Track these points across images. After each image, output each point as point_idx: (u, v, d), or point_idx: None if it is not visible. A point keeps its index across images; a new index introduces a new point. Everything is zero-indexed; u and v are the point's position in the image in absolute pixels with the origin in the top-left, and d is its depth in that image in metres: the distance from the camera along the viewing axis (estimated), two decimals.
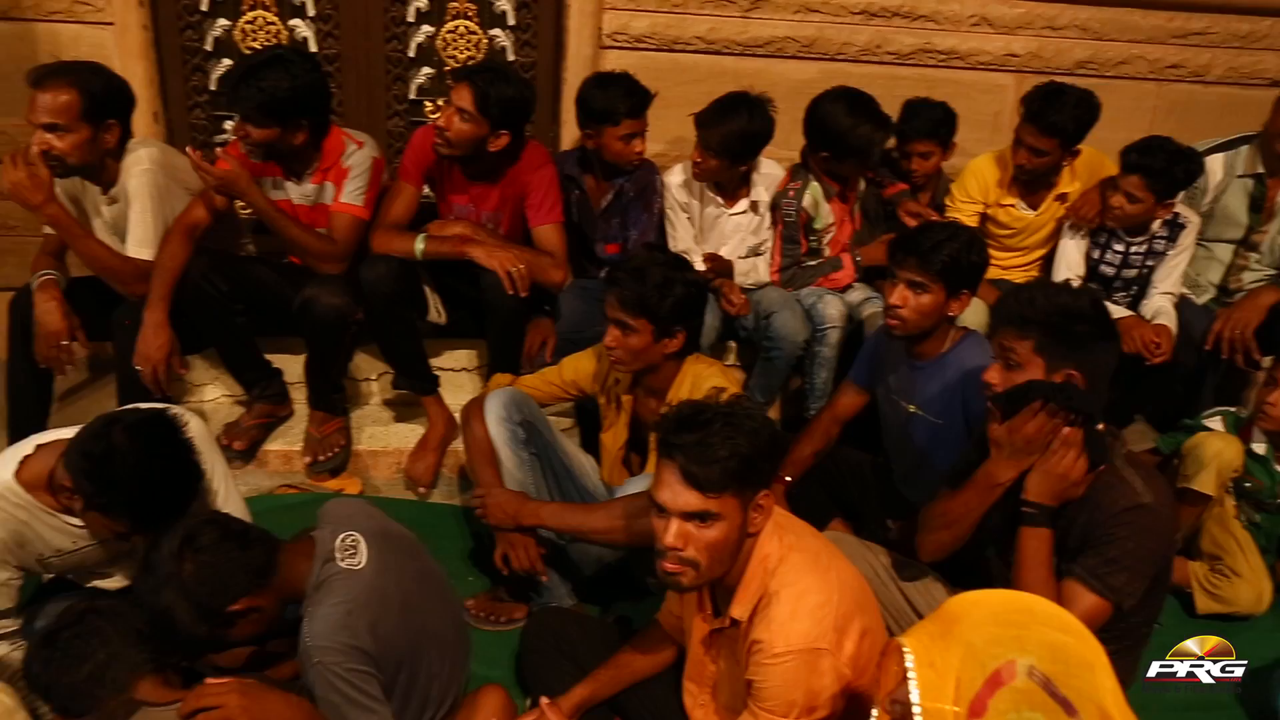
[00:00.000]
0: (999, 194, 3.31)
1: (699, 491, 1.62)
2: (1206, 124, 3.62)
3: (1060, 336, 1.90)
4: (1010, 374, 1.94)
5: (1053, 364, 1.91)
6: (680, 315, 2.28)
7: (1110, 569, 1.85)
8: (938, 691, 1.19)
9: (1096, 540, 1.88)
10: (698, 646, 1.92)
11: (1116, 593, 1.86)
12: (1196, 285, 3.42)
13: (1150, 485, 1.88)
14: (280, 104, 2.63)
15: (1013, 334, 1.95)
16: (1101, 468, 1.89)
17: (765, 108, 2.97)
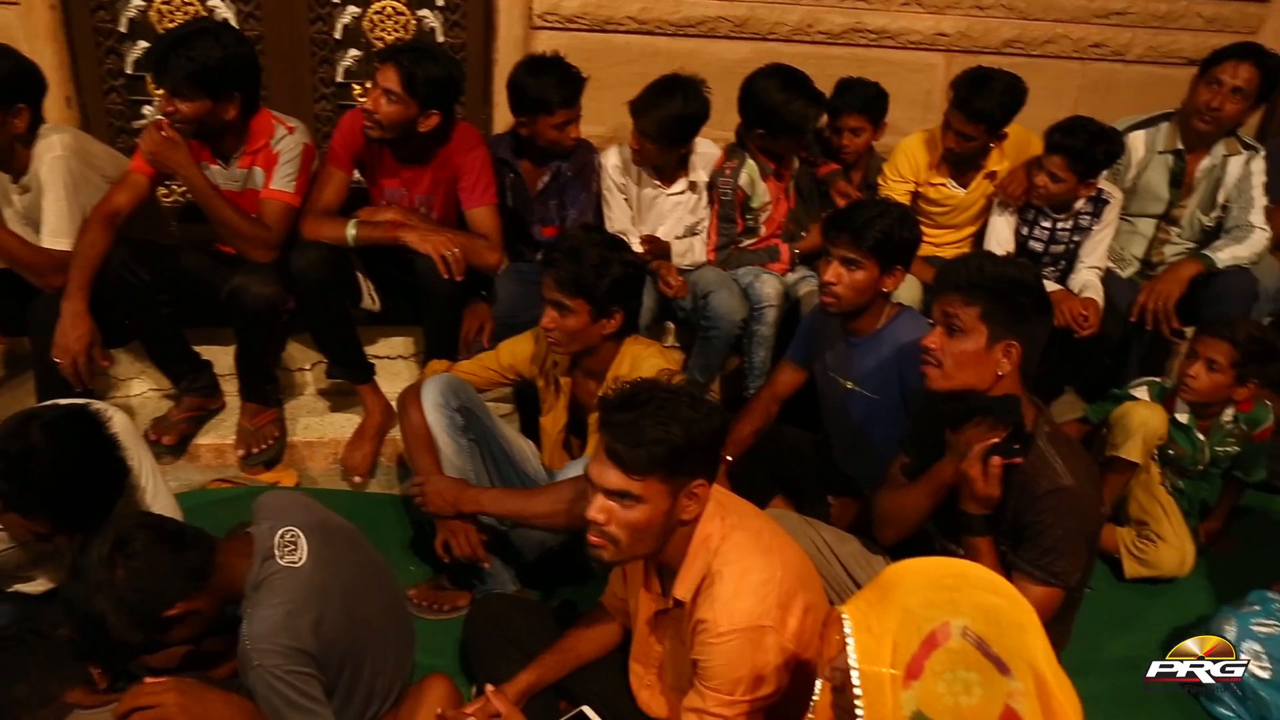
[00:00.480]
0: (930, 173, 3.35)
1: (622, 471, 1.62)
2: (1128, 102, 3.71)
3: (1006, 306, 1.91)
4: (953, 340, 1.94)
5: (995, 333, 1.92)
6: (618, 296, 2.27)
7: (1050, 557, 1.90)
8: (875, 655, 1.20)
9: (1027, 527, 1.92)
10: (643, 627, 1.92)
11: (1061, 577, 1.91)
12: (1121, 259, 3.51)
13: (1071, 465, 1.91)
14: (212, 74, 2.54)
15: (959, 300, 1.94)
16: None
17: (699, 90, 2.96)
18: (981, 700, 1.18)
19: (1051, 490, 1.88)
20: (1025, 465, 1.93)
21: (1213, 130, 3.24)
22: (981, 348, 1.92)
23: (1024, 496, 1.92)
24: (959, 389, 1.96)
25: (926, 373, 1.98)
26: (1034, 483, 1.91)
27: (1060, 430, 2.01)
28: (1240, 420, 2.83)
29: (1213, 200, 3.36)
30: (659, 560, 1.79)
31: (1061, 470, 1.89)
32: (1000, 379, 1.94)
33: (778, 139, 3.12)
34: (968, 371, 1.93)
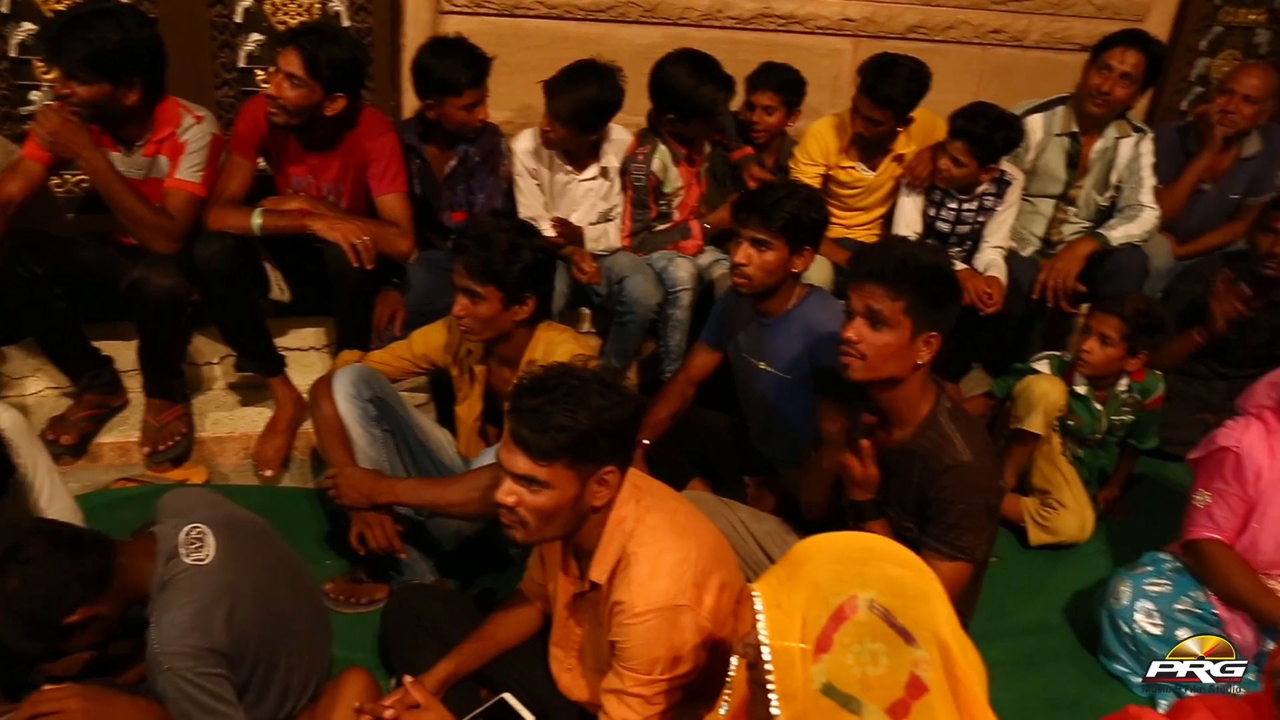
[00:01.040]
0: (840, 156, 3.41)
1: (528, 457, 1.62)
2: (1027, 86, 3.82)
3: (929, 298, 1.93)
4: (876, 333, 1.93)
5: (919, 327, 1.93)
6: (529, 281, 2.26)
7: (955, 533, 1.96)
8: (785, 631, 1.22)
9: (931, 504, 1.98)
10: (562, 611, 1.92)
11: (968, 551, 1.97)
12: (1022, 239, 3.62)
13: (970, 440, 1.97)
14: (110, 57, 2.44)
15: (883, 294, 1.92)
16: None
17: (615, 77, 2.96)
18: (888, 670, 1.21)
19: (951, 466, 1.94)
20: (927, 442, 1.98)
21: (1104, 113, 3.37)
22: (905, 341, 1.93)
23: (926, 473, 1.98)
24: (880, 379, 1.99)
25: (848, 364, 1.98)
26: (935, 459, 1.96)
27: (959, 407, 2.06)
28: (1134, 390, 2.96)
29: (1106, 181, 3.49)
30: (575, 543, 1.80)
31: (961, 446, 1.95)
32: (918, 368, 1.98)
33: (689, 123, 3.14)
34: (890, 363, 1.96)
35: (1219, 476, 2.36)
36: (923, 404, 2.01)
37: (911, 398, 2.01)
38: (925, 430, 2.00)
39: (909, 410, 2.02)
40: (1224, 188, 3.68)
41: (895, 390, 2.00)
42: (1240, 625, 2.34)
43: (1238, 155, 3.77)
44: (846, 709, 1.21)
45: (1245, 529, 2.34)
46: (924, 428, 2.00)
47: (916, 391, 2.00)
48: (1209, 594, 2.37)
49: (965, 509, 1.95)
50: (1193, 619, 2.37)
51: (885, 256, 1.94)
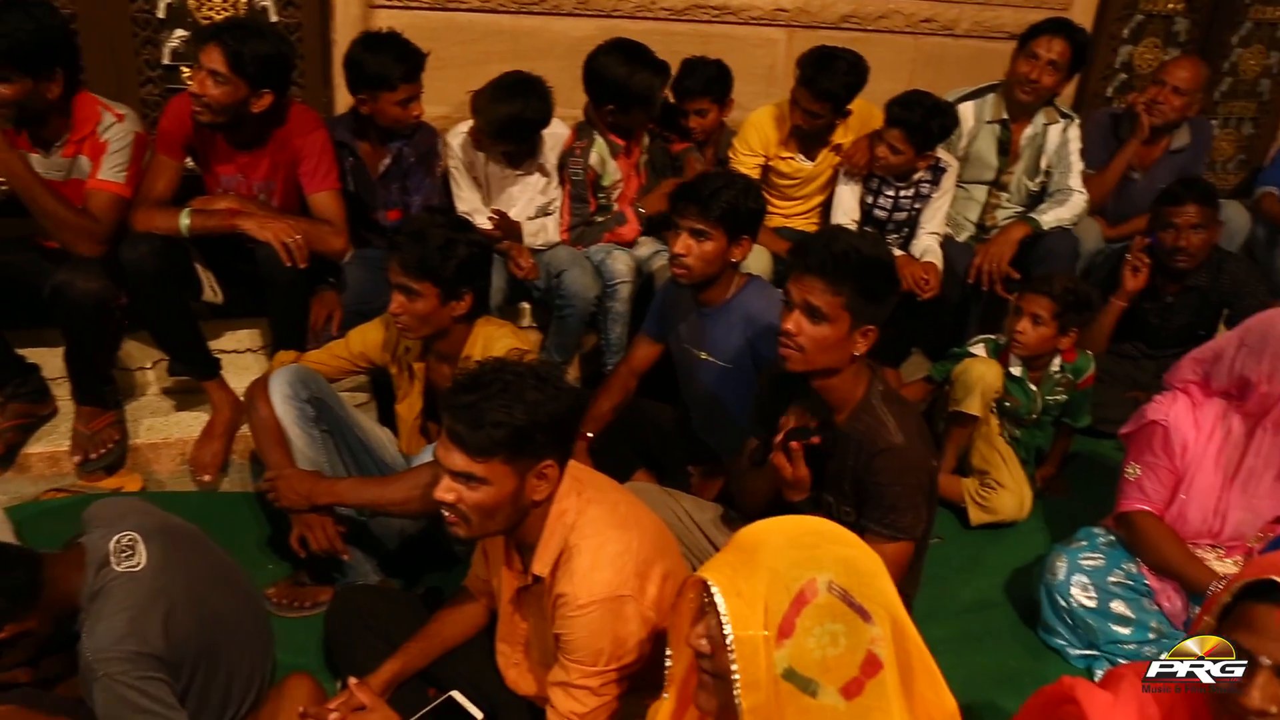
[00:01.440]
0: (779, 147, 3.43)
1: (464, 453, 1.62)
2: (958, 74, 3.87)
3: (868, 292, 1.93)
4: (814, 326, 1.93)
5: (857, 321, 1.94)
6: (466, 276, 2.24)
7: (893, 514, 1.99)
8: (747, 619, 1.23)
9: (868, 487, 2.01)
10: (507, 606, 1.92)
11: (908, 531, 2.01)
12: (958, 224, 3.68)
13: (902, 423, 2.00)
14: (29, 50, 2.36)
15: (823, 288, 1.92)
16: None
17: (543, 94, 2.95)
18: (846, 649, 1.23)
19: (885, 449, 1.97)
20: (862, 426, 2.01)
21: (1033, 100, 3.44)
22: (843, 334, 1.95)
23: (860, 456, 2.00)
24: (817, 370, 2.01)
25: (785, 356, 1.99)
26: (869, 443, 1.99)
27: (892, 390, 2.09)
28: (1066, 370, 3.03)
29: (1036, 166, 3.56)
30: (518, 538, 1.79)
31: (893, 429, 1.98)
32: (855, 359, 2.00)
33: (629, 113, 3.13)
34: (827, 355, 1.97)
35: (1149, 450, 2.42)
36: (857, 389, 2.04)
37: (846, 385, 2.03)
38: (859, 415, 2.02)
39: (843, 396, 2.04)
40: (1153, 178, 3.77)
41: (831, 379, 2.02)
42: (1170, 594, 2.40)
43: (1167, 147, 3.87)
44: (805, 692, 1.23)
45: (1174, 500, 2.40)
46: (858, 412, 2.03)
47: (851, 379, 2.03)
48: (1140, 565, 2.44)
49: (901, 490, 1.98)
50: (1125, 590, 2.43)
51: (826, 250, 1.93)
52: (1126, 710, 1.43)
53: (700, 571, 1.31)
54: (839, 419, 2.05)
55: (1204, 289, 3.39)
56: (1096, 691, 1.47)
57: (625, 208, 3.28)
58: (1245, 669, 1.28)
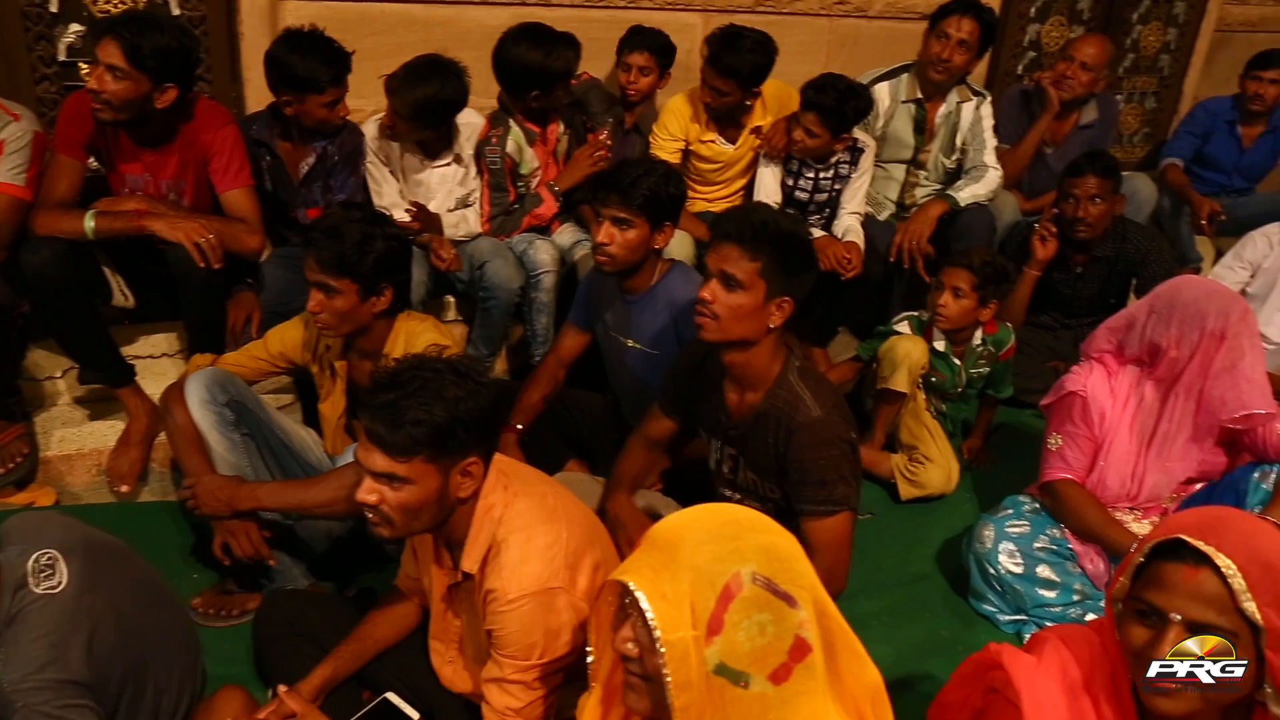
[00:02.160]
0: (699, 131, 3.44)
1: (385, 454, 1.59)
2: (873, 56, 3.92)
3: (784, 262, 1.95)
4: (730, 294, 1.96)
5: (772, 289, 1.96)
6: (385, 271, 2.20)
7: (828, 489, 2.01)
8: (675, 622, 1.22)
9: (791, 466, 2.03)
10: (439, 604, 1.89)
11: (844, 502, 2.02)
12: (878, 204, 3.74)
13: (819, 396, 2.02)
14: None
15: (740, 255, 1.94)
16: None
17: (459, 75, 2.91)
18: (774, 637, 1.23)
19: (804, 424, 1.99)
20: (780, 402, 2.03)
21: (945, 80, 3.49)
22: (759, 303, 1.96)
23: (780, 432, 2.02)
24: (732, 340, 2.02)
25: (701, 324, 2.01)
26: (788, 418, 2.01)
27: (809, 365, 2.12)
28: (988, 343, 3.10)
29: (952, 144, 3.62)
30: (446, 535, 1.77)
31: (811, 403, 2.00)
32: (770, 332, 2.01)
33: (552, 93, 3.10)
34: (743, 325, 1.99)
35: (1068, 420, 2.49)
36: (773, 365, 2.06)
37: (762, 360, 2.05)
38: (776, 391, 2.04)
39: (761, 373, 2.06)
40: (1064, 152, 3.87)
41: (747, 353, 2.03)
42: (1093, 556, 2.47)
43: (1077, 122, 3.98)
44: (737, 685, 1.23)
45: (1094, 467, 2.47)
46: (775, 388, 2.04)
47: (767, 354, 2.05)
48: (1064, 530, 2.51)
49: (826, 463, 2.00)
50: (1050, 555, 2.50)
51: (744, 219, 1.97)
52: (1049, 671, 1.46)
53: (619, 574, 1.29)
54: (756, 398, 2.07)
55: (1110, 258, 3.49)
56: (1021, 656, 1.51)
57: (541, 189, 3.25)
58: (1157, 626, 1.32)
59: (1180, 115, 4.87)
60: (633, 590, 1.25)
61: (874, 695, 1.35)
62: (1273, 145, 4.51)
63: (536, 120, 3.18)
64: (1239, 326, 2.29)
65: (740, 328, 1.99)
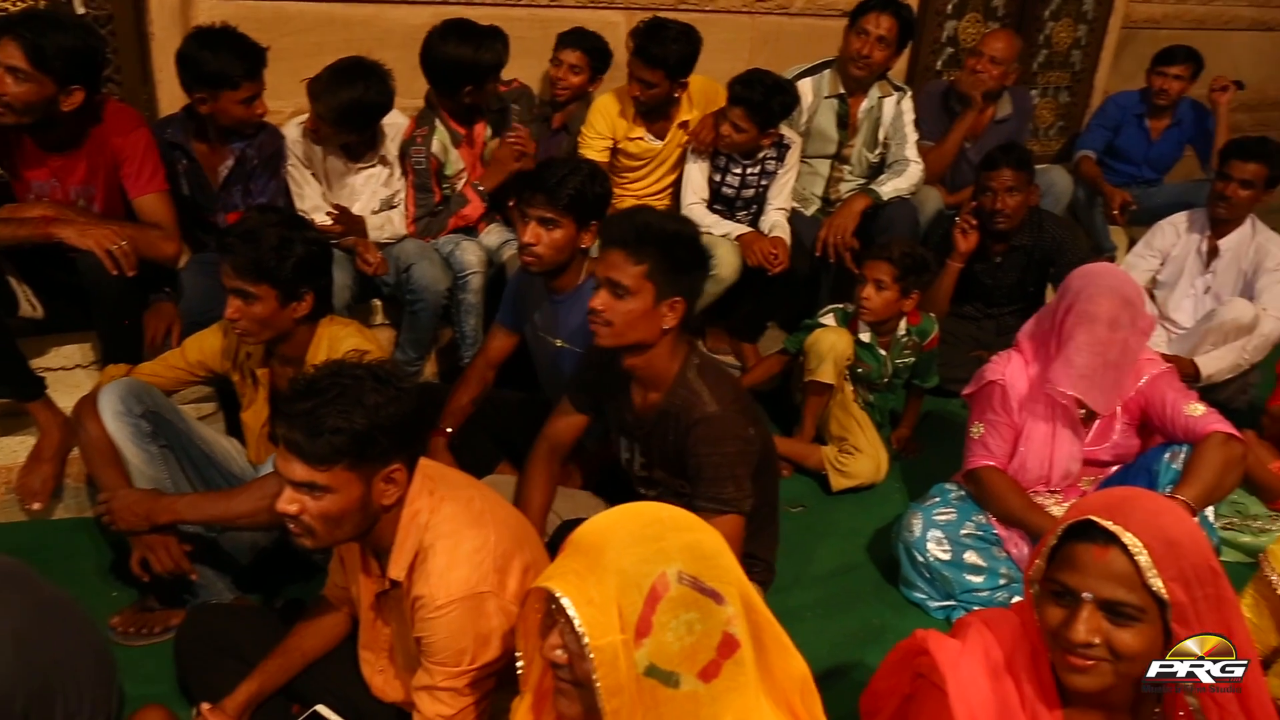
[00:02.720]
0: (626, 127, 3.44)
1: (304, 463, 1.56)
2: (795, 52, 3.96)
3: (670, 263, 1.96)
4: (620, 301, 1.97)
5: (661, 290, 1.97)
6: (304, 276, 2.15)
7: (716, 487, 2.02)
8: (603, 627, 1.21)
9: (689, 462, 2.04)
10: (368, 613, 1.86)
11: (733, 503, 2.03)
12: (804, 199, 3.78)
13: (717, 393, 2.04)
14: None
15: (625, 260, 1.96)
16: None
17: (383, 78, 2.87)
18: (702, 634, 1.24)
19: (700, 419, 2.01)
20: (678, 400, 2.05)
21: (866, 75, 3.55)
22: (649, 306, 1.98)
23: (678, 429, 2.04)
24: (628, 345, 2.03)
25: (596, 332, 2.03)
26: (686, 414, 2.03)
27: (709, 363, 2.13)
28: (912, 333, 3.15)
29: (875, 139, 3.68)
30: (372, 542, 1.74)
31: (707, 399, 2.02)
32: (666, 333, 2.02)
33: (484, 87, 3.07)
34: (636, 329, 2.01)
35: (989, 408, 2.55)
36: (673, 365, 2.08)
37: (661, 361, 2.06)
38: (675, 389, 2.06)
39: (660, 373, 2.08)
40: (982, 147, 3.96)
41: (645, 356, 2.05)
42: (1017, 540, 2.53)
43: (993, 117, 4.08)
44: (668, 685, 1.23)
45: (1015, 453, 2.54)
46: (674, 387, 2.07)
47: (666, 354, 2.06)
48: (989, 516, 2.56)
49: (720, 460, 2.01)
50: (976, 541, 2.56)
51: (626, 224, 1.98)
52: (973, 654, 1.49)
53: (544, 581, 1.28)
54: (657, 397, 2.08)
55: (1028, 248, 3.59)
56: (946, 640, 1.54)
57: (466, 189, 3.22)
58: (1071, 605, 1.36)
59: (1092, 109, 5.01)
60: (559, 597, 1.24)
61: (802, 686, 1.37)
62: (1178, 137, 4.68)
63: (463, 120, 3.15)
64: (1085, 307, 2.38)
65: (634, 333, 2.01)
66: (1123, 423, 2.50)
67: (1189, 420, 2.36)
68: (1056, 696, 1.46)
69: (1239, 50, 5.53)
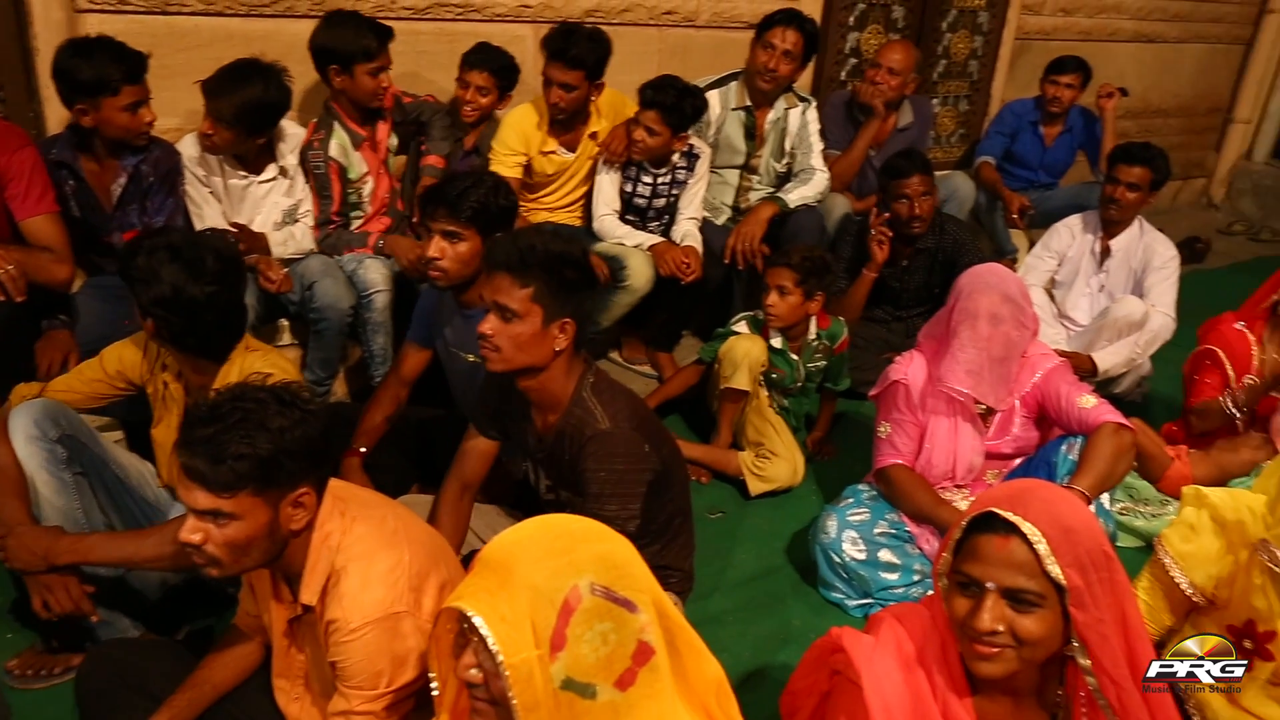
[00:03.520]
0: (539, 141, 3.43)
1: (207, 490, 1.51)
2: (703, 64, 4.02)
3: (557, 285, 1.94)
4: (509, 325, 1.95)
5: (549, 313, 1.95)
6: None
7: (599, 504, 2.01)
8: (517, 644, 1.20)
9: (581, 478, 2.03)
10: (281, 640, 1.81)
11: (615, 521, 1.99)
12: (715, 209, 3.83)
13: (611, 410, 2.04)
14: None
15: (510, 283, 1.94)
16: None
17: (280, 75, 2.82)
18: (617, 644, 1.24)
19: (591, 437, 2.01)
20: (573, 419, 2.04)
21: (772, 88, 3.62)
22: (537, 329, 1.96)
23: (572, 447, 2.04)
24: (520, 369, 2.02)
25: (487, 357, 2.01)
26: (578, 432, 2.03)
27: (605, 381, 2.12)
28: (822, 337, 3.21)
29: (782, 149, 3.76)
30: (283, 568, 1.70)
31: (600, 416, 2.02)
32: (558, 355, 2.01)
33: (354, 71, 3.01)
34: (526, 353, 1.98)
35: (895, 408, 2.61)
36: (568, 385, 2.07)
37: (556, 382, 2.05)
38: (571, 409, 2.06)
39: (556, 394, 2.07)
40: (885, 154, 4.05)
41: (538, 379, 2.04)
42: (928, 536, 2.60)
43: (895, 125, 4.19)
44: (584, 696, 1.23)
45: (921, 451, 2.60)
46: (570, 407, 2.06)
47: (560, 376, 2.05)
48: (901, 514, 2.62)
49: (606, 476, 2.01)
50: (890, 539, 2.61)
51: (510, 246, 1.96)
52: (886, 649, 1.53)
53: (454, 601, 1.26)
54: (555, 418, 2.08)
55: (932, 250, 3.70)
56: (859, 637, 1.57)
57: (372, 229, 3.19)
58: (976, 595, 1.40)
59: (990, 116, 5.19)
60: (471, 617, 1.22)
61: (718, 689, 1.38)
62: (1070, 143, 4.88)
63: (363, 121, 3.11)
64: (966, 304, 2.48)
65: (524, 356, 1.99)
66: (1021, 416, 2.59)
67: (1081, 413, 2.45)
68: (966, 685, 1.50)
69: (1123, 61, 5.80)
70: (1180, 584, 1.97)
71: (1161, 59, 6.05)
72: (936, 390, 2.55)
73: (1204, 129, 6.67)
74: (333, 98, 3.09)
